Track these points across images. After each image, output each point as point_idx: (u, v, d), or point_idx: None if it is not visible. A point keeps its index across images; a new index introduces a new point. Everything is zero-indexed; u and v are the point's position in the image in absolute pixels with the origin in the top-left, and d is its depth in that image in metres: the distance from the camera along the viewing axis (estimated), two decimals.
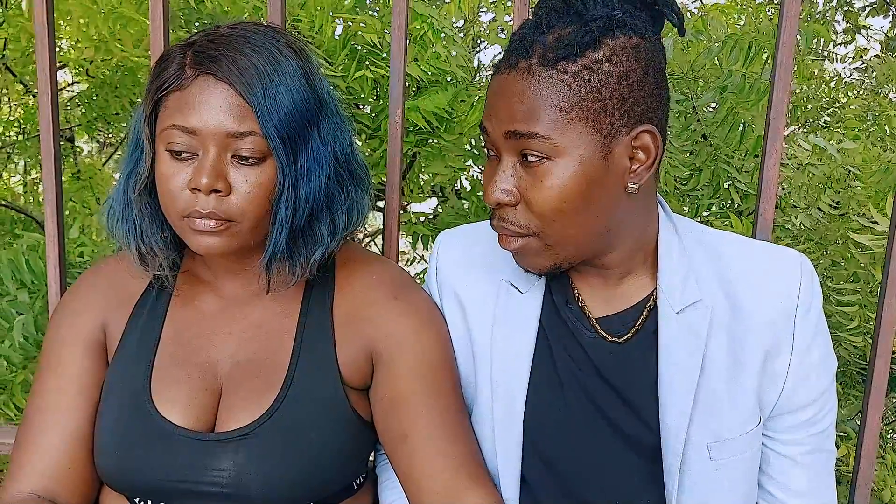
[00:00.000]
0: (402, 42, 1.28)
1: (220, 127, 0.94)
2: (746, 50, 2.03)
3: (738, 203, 2.18)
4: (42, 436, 1.05)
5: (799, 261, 1.03)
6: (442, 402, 1.05)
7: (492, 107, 0.96)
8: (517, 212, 0.96)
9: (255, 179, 0.96)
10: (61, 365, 1.07)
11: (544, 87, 0.90)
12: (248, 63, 0.94)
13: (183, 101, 0.95)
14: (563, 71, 0.90)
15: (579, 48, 0.89)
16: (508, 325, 1.06)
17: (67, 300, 1.12)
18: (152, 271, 1.07)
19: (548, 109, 0.90)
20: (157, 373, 1.05)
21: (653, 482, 1.03)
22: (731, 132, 2.07)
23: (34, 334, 1.83)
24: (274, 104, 0.94)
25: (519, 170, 0.95)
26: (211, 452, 1.00)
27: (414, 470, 1.04)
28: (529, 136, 0.91)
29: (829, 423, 1.06)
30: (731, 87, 2.06)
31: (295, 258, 1.02)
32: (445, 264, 1.15)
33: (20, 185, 3.08)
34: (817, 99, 2.82)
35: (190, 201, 0.95)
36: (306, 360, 1.04)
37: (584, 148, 0.91)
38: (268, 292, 1.07)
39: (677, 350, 1.00)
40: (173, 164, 0.96)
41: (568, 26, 0.91)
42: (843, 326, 1.88)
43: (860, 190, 2.13)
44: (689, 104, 2.16)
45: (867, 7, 4.53)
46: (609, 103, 0.91)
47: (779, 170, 1.26)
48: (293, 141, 0.96)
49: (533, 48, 0.91)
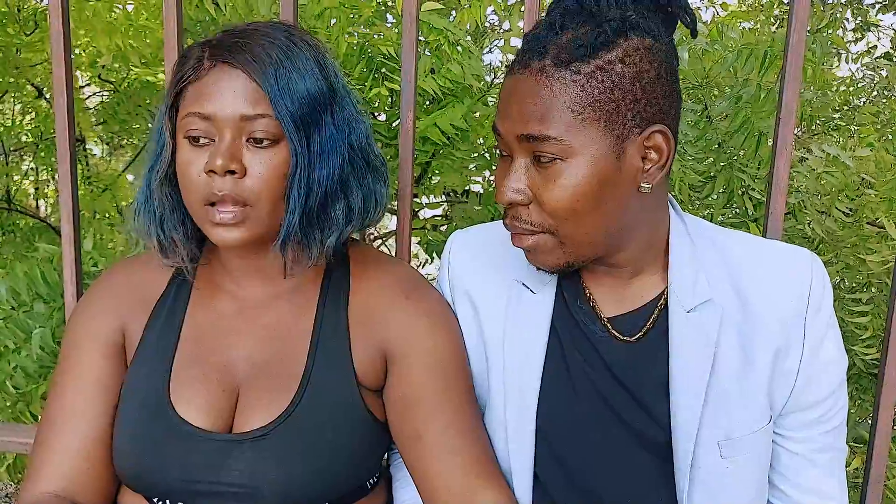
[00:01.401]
0: (413, 47, 1.29)
1: (235, 111, 0.96)
2: (761, 59, 2.03)
3: (751, 211, 2.18)
4: (61, 437, 1.06)
5: (810, 259, 1.03)
6: (455, 402, 1.06)
7: (505, 108, 0.96)
8: (530, 211, 0.97)
9: (269, 161, 0.98)
10: (80, 367, 1.08)
11: (557, 88, 0.90)
12: (261, 52, 0.97)
13: (200, 90, 0.98)
14: (577, 72, 0.90)
15: (593, 49, 0.90)
16: (520, 325, 1.07)
17: (85, 303, 1.13)
18: (172, 262, 1.08)
19: (561, 111, 0.90)
20: (176, 374, 1.06)
21: (664, 480, 1.03)
22: (747, 141, 2.07)
23: (51, 345, 1.85)
24: (287, 88, 0.97)
25: (531, 169, 0.95)
26: (228, 453, 1.01)
27: (428, 469, 1.05)
28: (542, 139, 0.92)
29: (839, 420, 1.06)
30: (747, 96, 2.06)
31: (310, 240, 1.03)
32: (458, 264, 1.15)
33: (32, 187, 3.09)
34: (831, 102, 2.80)
35: (207, 185, 0.97)
36: (322, 361, 1.05)
37: (597, 148, 0.92)
38: (284, 276, 1.09)
39: (688, 349, 1.00)
40: (192, 151, 0.98)
41: (581, 27, 0.91)
42: (857, 337, 1.89)
43: (873, 197, 2.13)
44: (705, 113, 2.16)
45: (877, 4, 4.51)
46: (622, 104, 0.91)
47: (789, 169, 1.26)
48: (306, 125, 0.98)
49: (546, 48, 0.91)
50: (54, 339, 1.87)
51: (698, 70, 2.16)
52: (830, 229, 2.12)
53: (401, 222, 1.36)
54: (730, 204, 2.20)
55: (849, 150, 2.16)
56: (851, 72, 3.29)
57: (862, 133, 2.47)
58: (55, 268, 1.94)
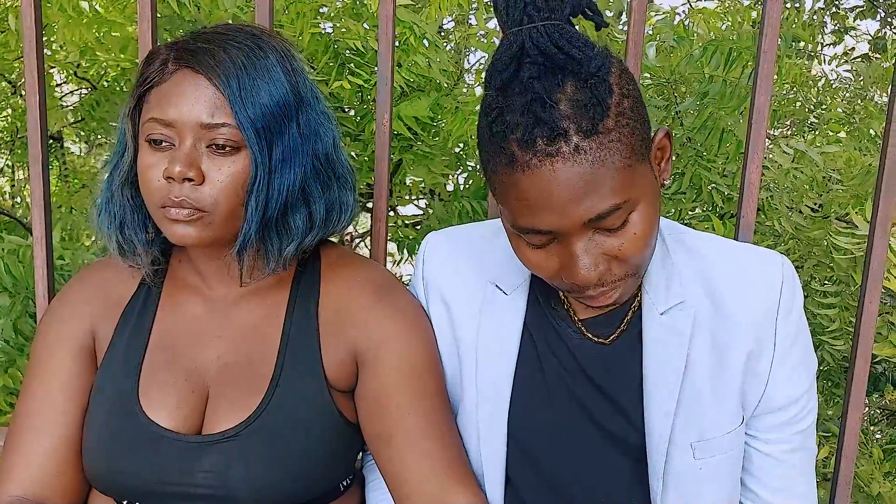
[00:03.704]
0: (390, 47, 1.29)
1: (196, 118, 0.96)
2: (727, 55, 2.04)
3: (720, 205, 2.20)
4: (30, 440, 1.05)
5: (780, 262, 1.03)
6: (427, 403, 1.06)
7: (546, 203, 0.86)
8: (612, 270, 0.93)
9: (228, 169, 0.97)
10: (49, 370, 1.08)
11: (601, 156, 0.84)
12: (225, 57, 0.97)
13: (162, 95, 0.97)
14: (606, 131, 0.85)
15: (601, 101, 0.85)
16: (493, 327, 1.07)
17: (55, 306, 1.13)
18: (131, 264, 1.08)
19: (614, 175, 0.85)
20: (146, 376, 1.05)
21: (638, 482, 1.04)
22: (712, 137, 2.09)
23: (14, 338, 1.84)
24: (249, 96, 0.96)
25: (597, 238, 0.90)
26: (198, 454, 1.00)
27: (400, 471, 1.05)
28: (611, 212, 0.87)
29: (810, 421, 1.07)
30: (713, 92, 2.08)
31: (268, 249, 1.03)
32: (432, 265, 1.14)
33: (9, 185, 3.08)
34: (806, 101, 2.82)
35: (165, 190, 0.97)
36: (292, 363, 1.05)
37: (647, 182, 0.90)
38: (241, 284, 1.08)
39: (662, 351, 1.01)
40: (153, 155, 0.98)
41: (568, 85, 0.85)
42: (825, 329, 1.90)
43: (841, 193, 2.14)
44: (672, 110, 2.17)
45: (855, 10, 4.56)
46: (641, 131, 0.88)
47: (761, 172, 1.27)
48: (268, 133, 0.98)
49: (559, 125, 0.84)
50: (16, 332, 1.87)
51: (666, 67, 2.18)
52: (799, 225, 2.14)
53: (376, 224, 1.35)
54: (698, 199, 2.22)
55: (816, 146, 2.18)
56: (825, 73, 3.31)
57: (831, 129, 2.49)
58: (20, 260, 1.94)
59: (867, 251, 1.28)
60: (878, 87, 2.99)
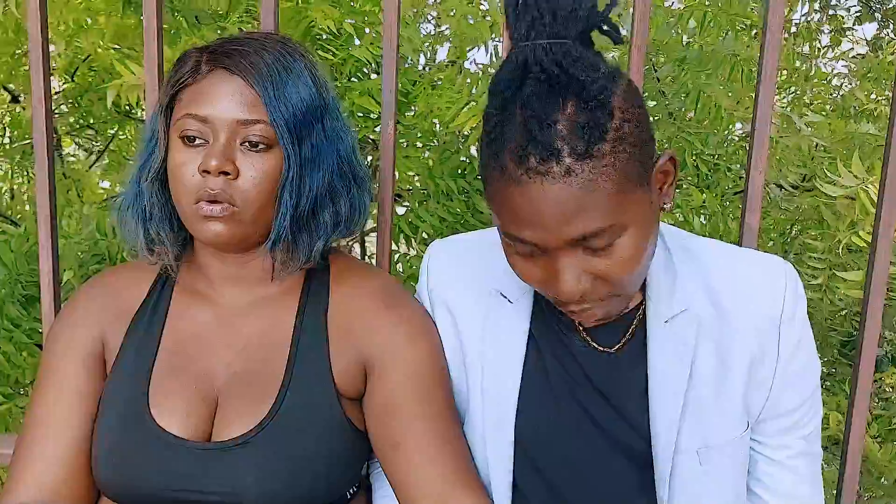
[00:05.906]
0: (394, 57, 1.29)
1: (231, 115, 0.99)
2: (700, 21, 2.05)
3: (706, 173, 2.17)
4: (40, 447, 1.06)
5: (783, 268, 1.04)
6: (434, 411, 1.06)
7: (535, 218, 0.87)
8: (596, 289, 0.93)
9: (261, 166, 1.00)
10: (59, 377, 1.09)
11: (592, 180, 0.84)
12: (259, 59, 1.01)
13: (197, 93, 1.00)
14: (600, 155, 0.84)
15: (600, 124, 0.84)
16: (498, 335, 1.07)
17: (65, 313, 1.14)
18: (158, 260, 1.09)
19: (603, 200, 0.85)
20: (155, 383, 1.06)
21: (644, 489, 1.04)
22: (690, 102, 2.08)
23: None
24: (281, 96, 1.00)
25: (583, 256, 0.90)
26: (207, 462, 1.01)
27: (406, 478, 1.05)
28: (596, 234, 0.87)
29: (814, 426, 1.08)
30: (690, 58, 2.08)
31: (299, 244, 1.05)
32: (436, 274, 1.15)
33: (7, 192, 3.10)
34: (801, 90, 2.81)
35: (200, 184, 0.99)
36: (301, 371, 1.05)
37: (640, 207, 0.89)
38: (272, 279, 1.10)
39: (666, 359, 1.01)
40: (186, 151, 1.00)
41: (569, 105, 0.85)
42: (808, 283, 1.86)
43: (828, 159, 2.13)
44: (653, 77, 2.17)
45: (853, 15, 4.56)
46: (640, 156, 0.87)
47: (764, 179, 1.26)
48: (299, 132, 1.01)
49: (554, 146, 0.84)
50: (5, 317, 1.87)
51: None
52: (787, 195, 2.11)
53: (380, 232, 1.36)
54: (683, 170, 2.20)
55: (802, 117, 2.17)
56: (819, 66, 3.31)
57: (816, 99, 2.47)
58: (12, 249, 1.96)
59: (872, 241, 1.27)
60: (871, 82, 2.93)
